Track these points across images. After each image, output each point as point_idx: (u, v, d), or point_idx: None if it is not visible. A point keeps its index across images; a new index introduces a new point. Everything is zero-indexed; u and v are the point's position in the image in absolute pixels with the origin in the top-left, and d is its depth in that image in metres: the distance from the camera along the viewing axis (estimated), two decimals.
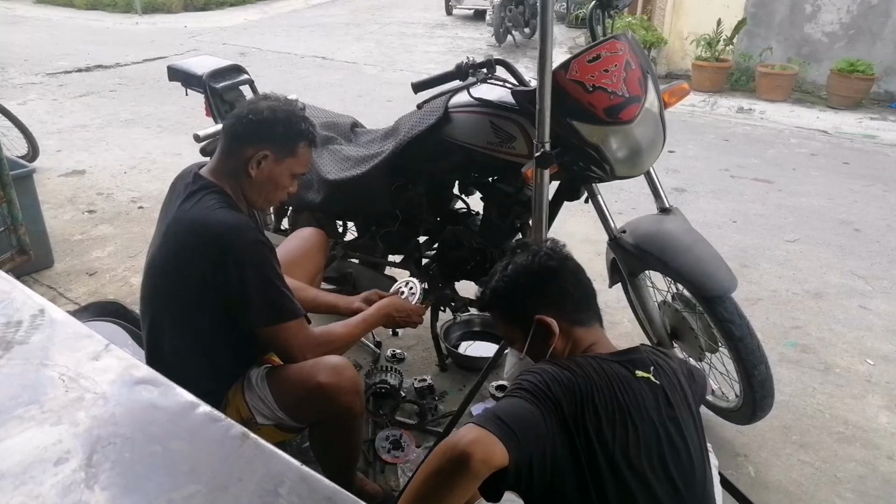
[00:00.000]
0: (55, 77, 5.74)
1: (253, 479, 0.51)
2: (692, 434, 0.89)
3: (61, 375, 0.58)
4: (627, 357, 0.92)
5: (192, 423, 0.55)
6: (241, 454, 0.53)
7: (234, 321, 1.26)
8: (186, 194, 1.28)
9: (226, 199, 1.29)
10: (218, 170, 1.33)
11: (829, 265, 2.73)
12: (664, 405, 0.88)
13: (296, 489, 0.51)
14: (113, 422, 0.55)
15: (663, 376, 0.91)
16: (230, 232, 1.22)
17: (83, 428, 0.54)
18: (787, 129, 4.65)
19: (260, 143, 1.30)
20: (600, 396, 0.83)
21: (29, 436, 0.54)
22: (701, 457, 0.90)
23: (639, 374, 0.88)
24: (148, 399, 0.57)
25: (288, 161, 1.33)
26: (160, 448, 0.53)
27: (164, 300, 1.30)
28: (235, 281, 1.21)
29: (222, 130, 1.37)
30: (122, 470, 0.52)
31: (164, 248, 1.28)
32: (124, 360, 0.59)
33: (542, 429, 0.78)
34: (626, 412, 0.84)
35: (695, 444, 0.89)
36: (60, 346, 0.61)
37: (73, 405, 0.56)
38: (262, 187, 1.33)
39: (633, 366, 0.90)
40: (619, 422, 0.82)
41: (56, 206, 3.16)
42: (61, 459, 0.52)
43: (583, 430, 0.80)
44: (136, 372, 0.59)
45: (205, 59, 2.22)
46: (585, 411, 0.81)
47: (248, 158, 1.30)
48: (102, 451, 0.53)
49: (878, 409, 1.91)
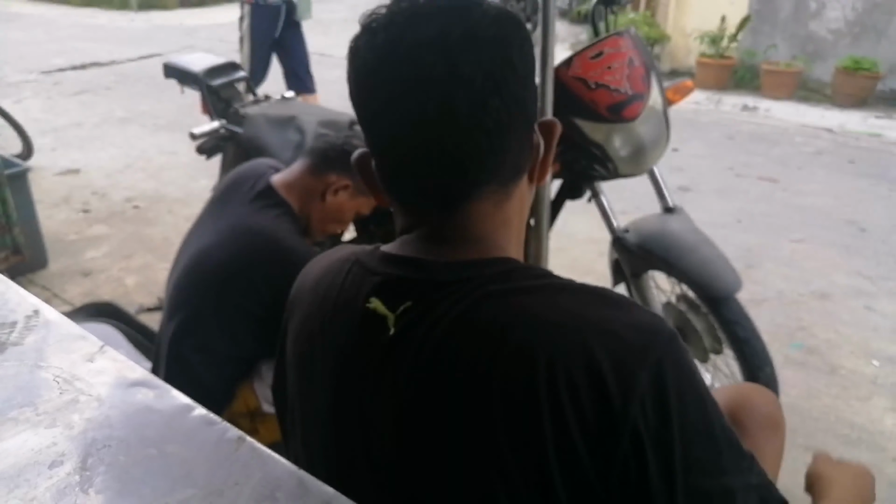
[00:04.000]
0: (50, 75, 5.73)
1: (249, 484, 0.51)
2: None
3: (56, 377, 0.57)
4: None
5: (187, 426, 0.54)
6: (237, 458, 0.52)
7: (265, 328, 1.26)
8: (260, 204, 1.29)
9: (297, 224, 1.31)
10: (293, 185, 1.34)
11: (834, 265, 2.72)
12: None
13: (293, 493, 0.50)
14: (108, 424, 0.54)
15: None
16: (298, 265, 1.25)
17: (78, 430, 0.53)
18: (792, 127, 4.62)
19: (346, 173, 1.34)
20: None
21: (23, 438, 0.53)
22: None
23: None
24: (143, 402, 0.56)
25: (360, 199, 1.39)
26: (155, 451, 0.52)
27: (212, 298, 1.29)
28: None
29: (311, 149, 1.40)
30: (116, 473, 0.52)
31: (224, 250, 1.28)
32: (119, 362, 0.58)
33: None
34: None
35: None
36: (55, 347, 0.60)
37: (67, 407, 0.55)
38: (328, 215, 1.37)
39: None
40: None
41: (50, 205, 3.14)
42: (56, 462, 0.51)
43: None
44: (131, 374, 0.58)
45: (201, 56, 2.21)
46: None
47: (329, 184, 1.34)
48: (97, 453, 0.53)
49: (884, 411, 1.89)
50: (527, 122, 0.56)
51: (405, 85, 0.51)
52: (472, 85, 0.50)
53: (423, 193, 0.56)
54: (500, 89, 0.52)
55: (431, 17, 0.51)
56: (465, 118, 0.51)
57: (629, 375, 0.48)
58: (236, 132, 1.97)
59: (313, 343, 0.61)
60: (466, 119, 0.51)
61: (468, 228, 0.56)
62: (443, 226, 0.56)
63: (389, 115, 0.53)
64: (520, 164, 0.57)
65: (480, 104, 0.51)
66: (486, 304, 0.52)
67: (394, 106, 0.52)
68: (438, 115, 0.51)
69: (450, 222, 0.56)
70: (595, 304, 0.53)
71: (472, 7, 0.53)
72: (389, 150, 0.56)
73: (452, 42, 0.50)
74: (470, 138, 0.52)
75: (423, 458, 0.54)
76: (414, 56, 0.50)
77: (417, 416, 0.54)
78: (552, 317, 0.51)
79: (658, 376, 0.48)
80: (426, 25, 0.51)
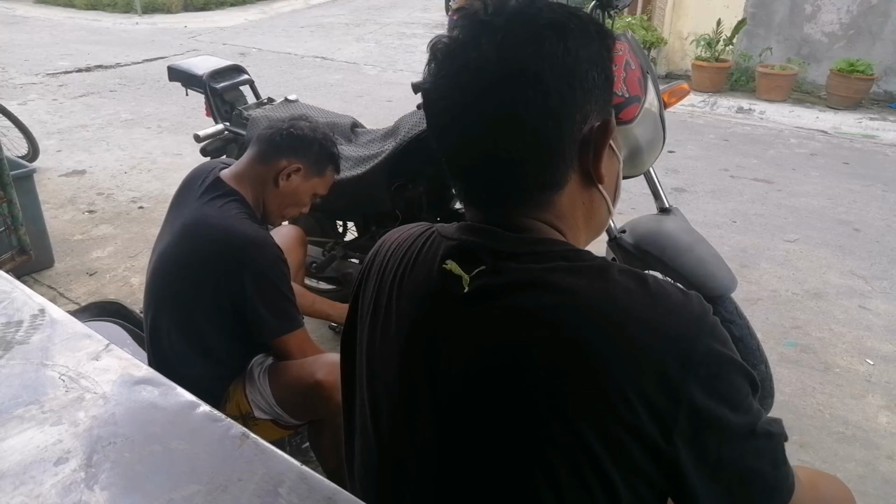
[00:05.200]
0: (55, 77, 5.74)
1: (253, 479, 0.51)
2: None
3: (61, 375, 0.58)
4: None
5: (191, 422, 0.55)
6: (240, 454, 0.53)
7: (239, 325, 1.27)
8: (208, 197, 1.29)
9: (248, 209, 1.31)
10: (243, 175, 1.34)
11: (828, 265, 2.74)
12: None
13: (296, 489, 0.51)
14: (113, 422, 0.55)
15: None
16: (253, 246, 1.24)
17: (83, 428, 0.54)
18: (786, 130, 4.65)
19: (295, 156, 1.35)
20: None
21: (29, 435, 0.54)
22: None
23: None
24: (148, 399, 0.57)
25: (314, 180, 1.40)
26: (160, 448, 0.53)
27: (170, 297, 1.30)
28: (252, 295, 1.23)
29: (256, 138, 1.39)
30: (122, 470, 0.52)
31: (178, 247, 1.29)
32: (124, 360, 0.59)
33: None
34: None
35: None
36: (61, 346, 0.61)
37: (73, 405, 0.56)
38: (283, 200, 1.37)
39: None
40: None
41: (56, 206, 3.16)
42: (61, 459, 0.52)
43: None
44: (136, 372, 0.59)
45: (205, 60, 2.22)
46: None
47: (280, 169, 1.34)
48: (102, 450, 0.53)
49: (877, 409, 1.91)
50: (570, 126, 0.58)
51: (457, 107, 0.58)
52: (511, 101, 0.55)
53: (480, 191, 0.62)
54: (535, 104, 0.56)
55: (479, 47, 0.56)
56: (511, 130, 0.56)
57: (678, 381, 0.51)
58: (240, 134, 1.98)
59: (390, 297, 0.65)
60: (516, 129, 0.56)
61: (524, 223, 0.61)
62: (499, 222, 0.61)
63: (448, 132, 0.60)
64: (566, 166, 0.59)
65: (525, 118, 0.56)
66: (550, 278, 0.56)
67: (449, 125, 0.60)
68: (485, 131, 0.57)
69: (504, 220, 0.61)
70: (644, 302, 0.55)
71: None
72: (450, 158, 0.62)
73: (492, 68, 0.56)
74: (517, 146, 0.57)
75: (478, 412, 0.57)
76: (462, 80, 0.57)
77: (478, 375, 0.57)
78: (605, 309, 0.54)
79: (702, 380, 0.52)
80: (471, 54, 0.57)
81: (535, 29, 0.55)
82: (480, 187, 0.61)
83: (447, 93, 0.58)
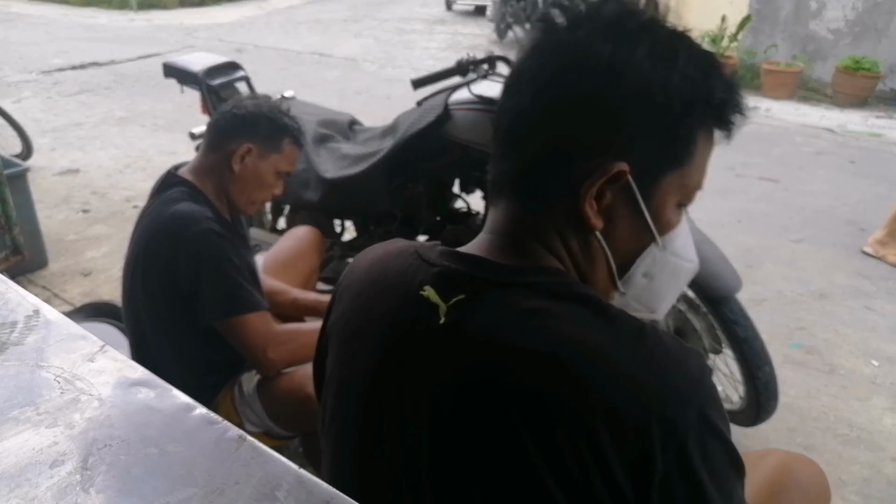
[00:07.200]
0: (49, 75, 5.73)
1: (250, 483, 0.51)
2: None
3: (57, 377, 0.57)
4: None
5: (188, 425, 0.54)
6: (237, 457, 0.52)
7: (209, 335, 1.23)
8: (159, 196, 1.25)
9: (190, 192, 1.25)
10: (199, 168, 1.30)
11: (834, 265, 2.72)
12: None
13: (293, 492, 0.50)
14: (108, 424, 0.54)
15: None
16: (181, 221, 1.18)
17: (78, 430, 0.53)
18: (792, 127, 4.62)
19: (244, 137, 1.28)
20: None
21: (24, 438, 0.53)
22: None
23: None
24: (144, 401, 0.56)
25: (273, 157, 1.31)
26: (156, 451, 0.52)
27: (138, 307, 1.27)
28: (186, 272, 1.17)
29: (206, 128, 1.34)
30: (117, 473, 0.52)
31: (130, 253, 1.26)
32: (120, 362, 0.58)
33: None
34: None
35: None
36: (56, 347, 0.60)
37: (68, 407, 0.55)
38: (245, 184, 1.30)
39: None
40: None
41: (50, 205, 3.14)
42: (57, 462, 0.51)
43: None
44: (132, 374, 0.58)
45: (201, 56, 2.20)
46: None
47: (231, 153, 1.27)
48: (98, 453, 0.52)
49: (882, 410, 1.89)
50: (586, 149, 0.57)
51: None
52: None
53: (507, 184, 0.61)
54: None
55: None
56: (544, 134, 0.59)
57: (667, 422, 0.49)
58: None
59: (361, 319, 0.63)
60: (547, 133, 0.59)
61: (534, 233, 0.58)
62: (513, 226, 0.59)
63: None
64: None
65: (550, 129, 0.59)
66: (532, 317, 0.53)
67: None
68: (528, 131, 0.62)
69: (520, 224, 0.59)
70: (638, 358, 0.52)
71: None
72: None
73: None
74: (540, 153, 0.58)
75: (453, 454, 0.54)
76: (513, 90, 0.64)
77: (450, 410, 0.54)
78: (593, 360, 0.51)
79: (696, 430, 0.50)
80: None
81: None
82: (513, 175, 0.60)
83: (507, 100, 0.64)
